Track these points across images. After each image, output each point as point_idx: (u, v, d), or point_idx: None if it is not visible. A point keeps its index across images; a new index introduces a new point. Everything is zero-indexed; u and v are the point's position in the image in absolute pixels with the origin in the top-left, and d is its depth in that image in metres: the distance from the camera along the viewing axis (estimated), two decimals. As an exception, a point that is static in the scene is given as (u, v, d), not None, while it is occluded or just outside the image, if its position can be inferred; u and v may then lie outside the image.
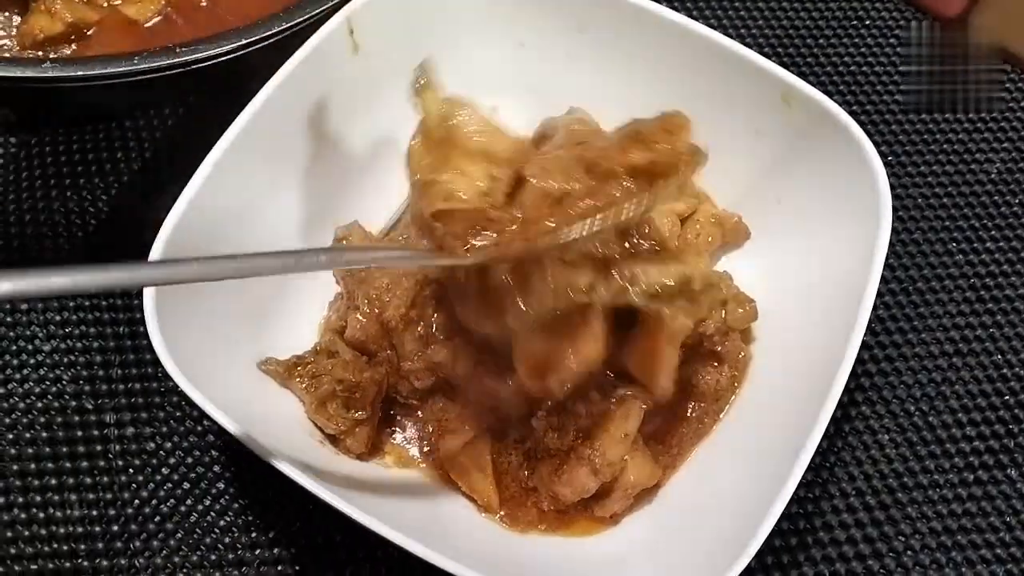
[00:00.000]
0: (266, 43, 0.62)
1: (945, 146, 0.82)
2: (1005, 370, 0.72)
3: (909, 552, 0.64)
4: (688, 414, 0.63)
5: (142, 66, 0.59)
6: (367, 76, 0.68)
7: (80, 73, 0.59)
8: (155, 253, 0.56)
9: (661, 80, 0.69)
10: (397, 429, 0.63)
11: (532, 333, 0.54)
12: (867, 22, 0.88)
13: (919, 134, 0.83)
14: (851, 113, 0.65)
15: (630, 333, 0.58)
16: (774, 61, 0.67)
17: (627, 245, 0.55)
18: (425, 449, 0.62)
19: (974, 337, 0.73)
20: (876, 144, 0.64)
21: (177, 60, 0.60)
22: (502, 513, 0.60)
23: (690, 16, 0.74)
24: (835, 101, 0.65)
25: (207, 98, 0.76)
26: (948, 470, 0.67)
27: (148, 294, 0.55)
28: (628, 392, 0.59)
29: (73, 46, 0.69)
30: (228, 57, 0.61)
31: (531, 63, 0.72)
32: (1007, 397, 0.71)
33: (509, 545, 0.59)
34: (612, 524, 0.60)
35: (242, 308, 0.62)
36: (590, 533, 0.60)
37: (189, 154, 0.60)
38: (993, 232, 0.78)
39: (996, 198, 0.80)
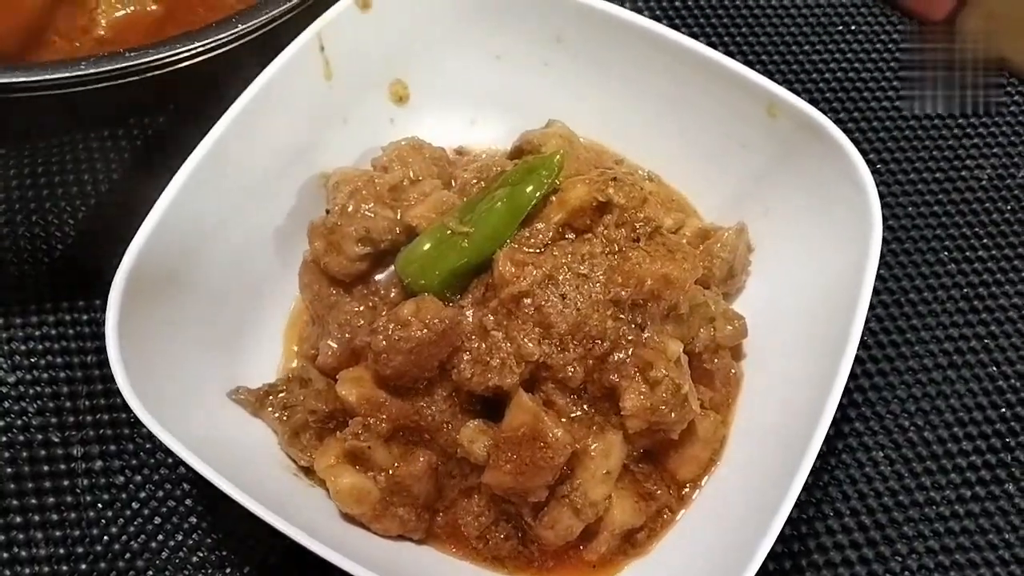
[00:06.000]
0: (227, 48, 0.59)
1: (935, 152, 0.81)
2: (1000, 381, 0.70)
3: (907, 573, 0.62)
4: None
5: (90, 71, 0.56)
6: (340, 90, 0.66)
7: (24, 80, 0.56)
8: (121, 274, 0.54)
9: (642, 91, 0.68)
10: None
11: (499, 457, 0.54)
12: (852, 28, 0.87)
13: (908, 140, 0.81)
14: (837, 122, 0.63)
15: None
16: (758, 71, 0.65)
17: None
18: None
19: (968, 348, 0.71)
20: (864, 152, 0.62)
21: (127, 65, 0.57)
22: (483, 544, 0.58)
23: (671, 26, 0.72)
24: (821, 110, 0.63)
25: (173, 114, 0.74)
26: (944, 486, 0.66)
27: (111, 323, 0.53)
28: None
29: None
30: (184, 64, 0.58)
31: (508, 75, 0.70)
32: (1003, 409, 0.69)
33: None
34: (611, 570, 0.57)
35: (211, 336, 0.60)
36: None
37: (155, 175, 0.59)
38: (985, 240, 0.76)
39: (987, 204, 0.78)
